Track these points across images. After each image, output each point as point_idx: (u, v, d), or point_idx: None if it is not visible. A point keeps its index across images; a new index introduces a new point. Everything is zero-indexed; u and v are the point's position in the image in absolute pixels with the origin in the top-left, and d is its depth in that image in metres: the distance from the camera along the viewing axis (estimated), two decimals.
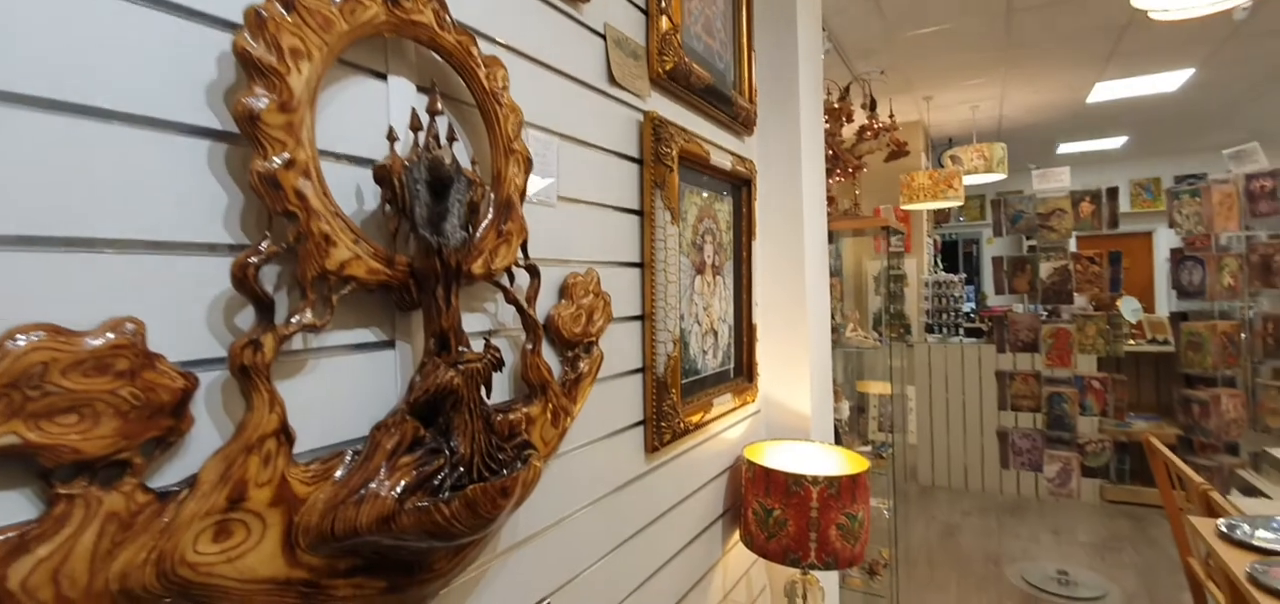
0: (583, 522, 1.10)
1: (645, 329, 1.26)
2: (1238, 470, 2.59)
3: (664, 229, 1.26)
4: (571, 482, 1.06)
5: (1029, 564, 3.48)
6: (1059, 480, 3.06)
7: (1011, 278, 3.18)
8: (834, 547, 1.46)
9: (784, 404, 1.89)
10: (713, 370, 1.54)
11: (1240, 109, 5.81)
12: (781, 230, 1.87)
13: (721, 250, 1.59)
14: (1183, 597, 3.09)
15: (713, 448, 1.56)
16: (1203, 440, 2.83)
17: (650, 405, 1.25)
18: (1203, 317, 2.86)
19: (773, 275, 1.88)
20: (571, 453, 1.06)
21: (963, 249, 9.89)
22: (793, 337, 1.87)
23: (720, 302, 1.58)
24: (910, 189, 5.15)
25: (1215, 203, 2.63)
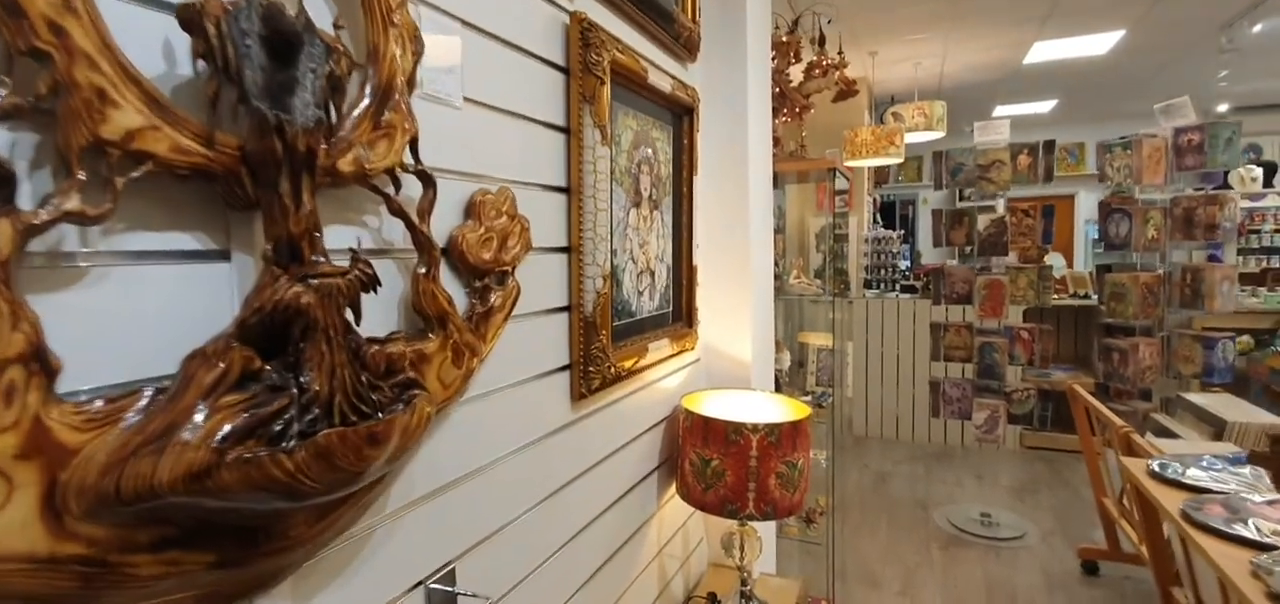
0: (498, 475, 0.97)
1: (572, 263, 1.12)
2: (1152, 415, 2.70)
3: (593, 150, 1.12)
4: (483, 430, 0.93)
5: (954, 507, 3.60)
6: (986, 427, 3.15)
7: (950, 230, 3.19)
8: (773, 496, 1.39)
9: (725, 352, 1.80)
10: (649, 313, 1.42)
11: (1163, 75, 6.05)
12: (725, 167, 1.75)
13: (660, 184, 1.46)
14: (1094, 533, 3.26)
15: (648, 396, 1.45)
16: (1119, 387, 2.95)
17: (577, 348, 1.12)
18: (1126, 268, 2.95)
19: (715, 215, 1.77)
20: (483, 398, 0.92)
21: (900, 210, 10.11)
22: (735, 281, 1.78)
23: (658, 239, 1.46)
24: (853, 145, 5.14)
25: (1145, 156, 2.69)
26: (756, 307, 1.84)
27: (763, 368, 1.92)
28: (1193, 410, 2.38)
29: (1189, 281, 2.71)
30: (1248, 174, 5.66)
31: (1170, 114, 2.71)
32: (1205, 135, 2.59)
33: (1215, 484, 1.26)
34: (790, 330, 2.96)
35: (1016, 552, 3.12)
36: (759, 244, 1.87)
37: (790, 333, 2.84)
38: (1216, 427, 2.14)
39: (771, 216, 2.02)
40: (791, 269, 2.30)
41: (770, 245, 2.03)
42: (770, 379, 2.01)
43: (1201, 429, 2.25)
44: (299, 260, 0.57)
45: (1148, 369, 2.86)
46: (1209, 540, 1.07)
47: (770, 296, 2.01)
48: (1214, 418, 2.21)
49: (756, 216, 1.83)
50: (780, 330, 2.90)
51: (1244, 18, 4.12)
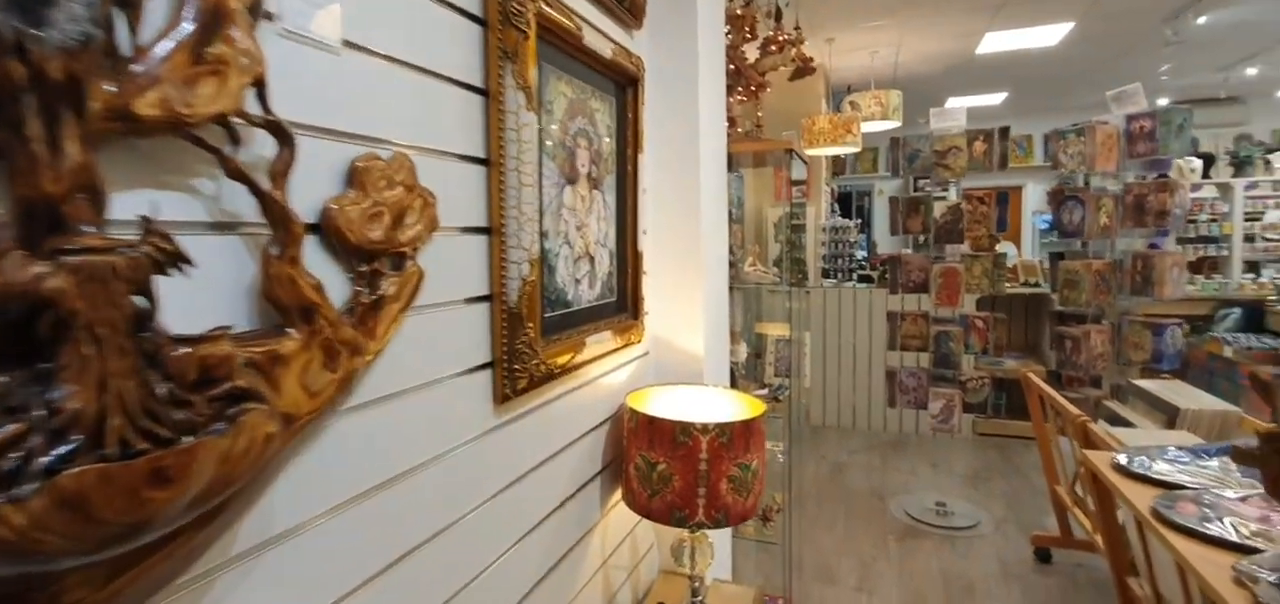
0: (402, 494, 0.82)
1: (492, 245, 0.97)
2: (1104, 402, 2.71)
3: (516, 116, 0.97)
4: (378, 443, 0.78)
5: (910, 497, 3.59)
6: (942, 417, 3.12)
7: (906, 218, 3.14)
8: (724, 501, 1.27)
9: (675, 345, 1.68)
10: (588, 303, 1.28)
11: (1110, 68, 6.20)
12: (675, 145, 1.62)
13: (600, 160, 1.32)
14: (1045, 519, 3.28)
15: (588, 395, 1.31)
16: (1072, 374, 2.96)
17: (500, 343, 0.98)
18: (1079, 256, 2.95)
19: (664, 196, 1.64)
20: (377, 405, 0.77)
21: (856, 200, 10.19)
22: (686, 269, 1.65)
23: (599, 222, 1.32)
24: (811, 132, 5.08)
25: (1098, 143, 2.68)
26: (709, 296, 1.72)
27: (716, 361, 1.80)
28: (1145, 397, 2.38)
29: (1140, 269, 2.72)
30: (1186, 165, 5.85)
31: (1122, 101, 2.71)
32: (1156, 122, 2.59)
33: (1185, 479, 1.20)
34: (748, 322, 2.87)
35: (971, 541, 3.11)
36: (712, 229, 1.75)
37: (748, 324, 2.74)
38: (1169, 413, 2.13)
39: (726, 200, 1.90)
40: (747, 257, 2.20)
41: (724, 231, 1.91)
42: (725, 373, 1.90)
43: (1155, 416, 2.25)
44: (61, 230, 0.41)
45: (1099, 356, 2.86)
46: (1184, 542, 1.00)
47: (724, 286, 1.90)
48: (1166, 405, 2.20)
49: (709, 199, 1.71)
50: (738, 321, 2.81)
51: (1189, 9, 4.20)
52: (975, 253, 3.10)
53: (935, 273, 3.05)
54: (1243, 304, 5.34)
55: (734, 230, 2.99)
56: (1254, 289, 5.57)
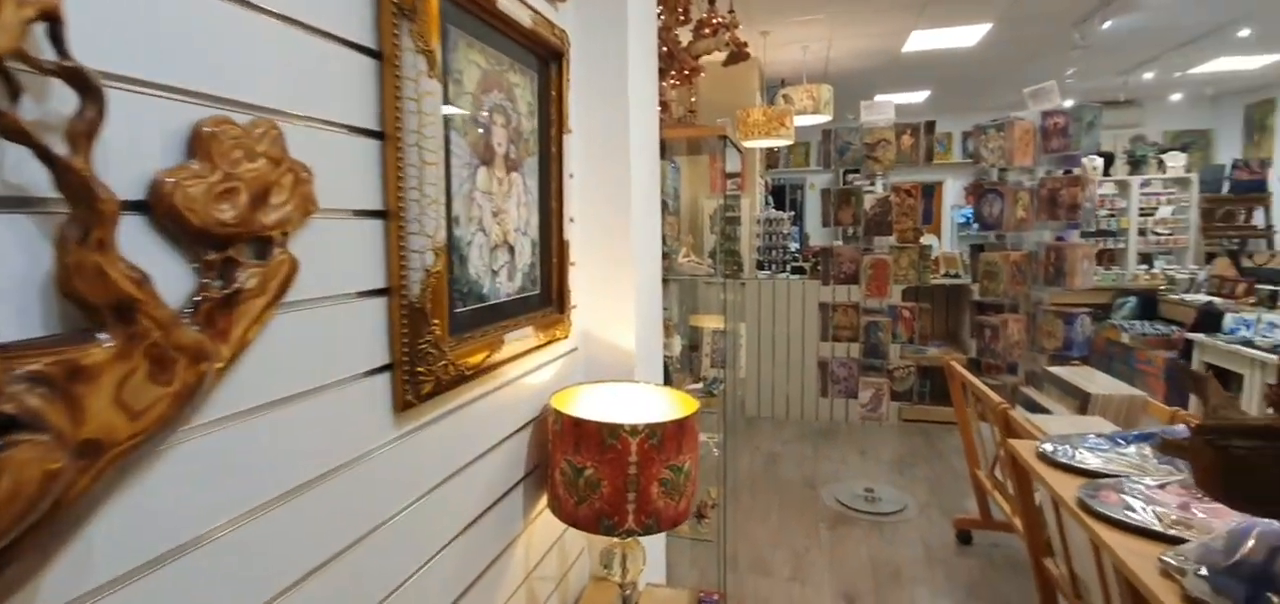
0: (270, 525, 0.70)
1: (389, 231, 0.86)
2: (1021, 388, 2.82)
3: (416, 83, 0.85)
4: (238, 467, 0.65)
5: (840, 485, 3.65)
6: (871, 405, 3.18)
7: (838, 209, 3.17)
8: (655, 506, 1.20)
9: (605, 339, 1.59)
10: (507, 296, 1.18)
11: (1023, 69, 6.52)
12: (603, 127, 1.53)
13: (520, 140, 1.21)
14: (966, 502, 3.41)
15: (509, 396, 1.21)
16: (991, 362, 3.07)
17: (400, 344, 0.86)
18: (996, 248, 3.06)
19: (592, 182, 1.55)
20: (235, 421, 0.65)
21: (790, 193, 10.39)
22: (616, 259, 1.57)
23: (519, 208, 1.21)
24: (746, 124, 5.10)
25: (1016, 138, 2.78)
26: (641, 289, 1.64)
27: (649, 356, 1.73)
28: (1058, 383, 2.48)
29: (1053, 260, 2.84)
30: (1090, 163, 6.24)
31: (1038, 97, 2.81)
32: (1069, 120, 2.70)
33: (1106, 466, 1.23)
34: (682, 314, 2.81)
35: (898, 526, 3.19)
36: (644, 218, 1.67)
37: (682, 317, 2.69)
38: (1081, 399, 2.22)
39: (659, 188, 1.83)
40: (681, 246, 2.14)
41: (657, 220, 1.84)
42: (658, 368, 1.83)
43: (1068, 401, 2.34)
44: None
45: (1016, 344, 2.98)
46: (1109, 532, 1.01)
47: (658, 277, 1.83)
48: (1078, 390, 2.29)
49: (641, 187, 1.63)
50: (674, 313, 2.76)
51: (1096, 14, 4.45)
52: (902, 245, 3.17)
53: (865, 264, 3.09)
54: (1137, 293, 5.76)
55: (670, 221, 2.94)
56: (1147, 279, 6.01)
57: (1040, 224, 2.84)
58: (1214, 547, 0.82)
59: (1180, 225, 6.96)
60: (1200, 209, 6.86)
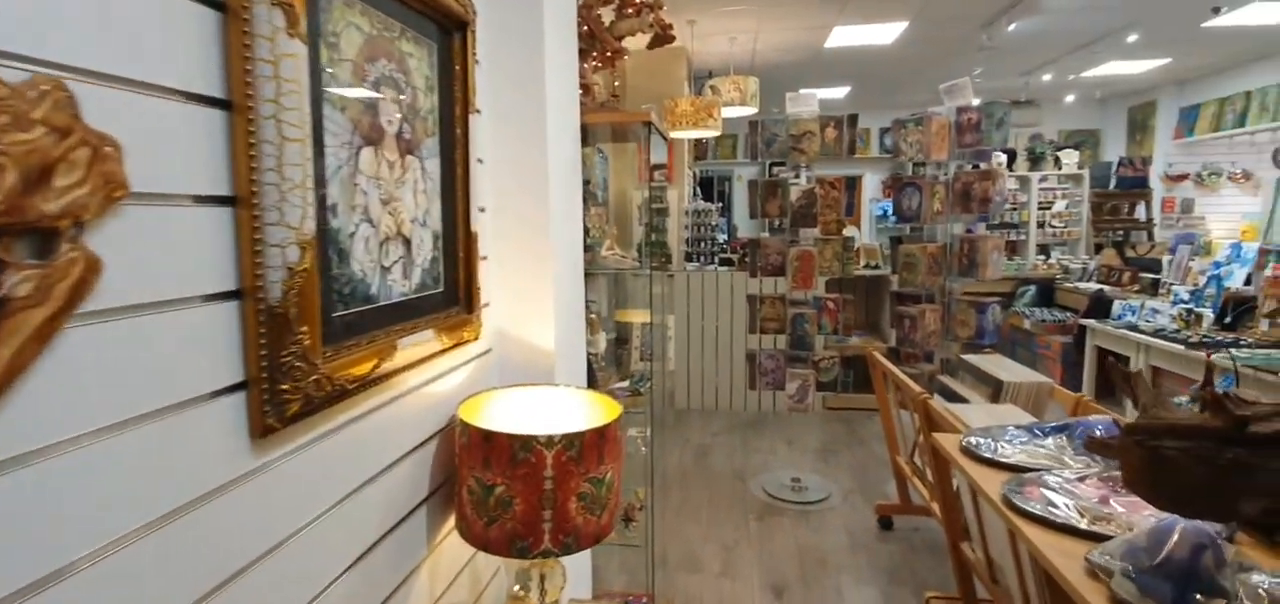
0: (74, 591, 0.55)
1: (239, 222, 0.71)
2: (938, 377, 2.90)
3: (273, 42, 0.71)
4: (19, 526, 0.50)
5: (769, 475, 3.68)
6: (798, 396, 3.20)
7: (765, 201, 3.16)
8: (574, 523, 1.10)
9: (522, 339, 1.47)
10: (402, 296, 1.04)
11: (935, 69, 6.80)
12: (517, 108, 1.40)
13: (417, 120, 1.08)
14: (887, 487, 3.50)
15: (406, 409, 1.07)
16: (909, 351, 3.15)
17: (256, 357, 0.72)
18: (914, 240, 3.14)
19: (506, 169, 1.42)
20: (8, 469, 0.50)
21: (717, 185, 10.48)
22: (533, 252, 1.45)
23: (416, 195, 1.08)
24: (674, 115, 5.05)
25: (933, 133, 2.85)
26: (562, 284, 1.53)
27: (570, 356, 1.62)
28: (972, 371, 2.55)
29: (966, 251, 2.94)
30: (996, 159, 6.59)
31: (953, 93, 2.89)
32: (982, 115, 2.79)
33: (1027, 459, 1.23)
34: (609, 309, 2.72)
35: (823, 514, 3.23)
36: (564, 207, 1.56)
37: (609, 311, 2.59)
38: (994, 387, 2.30)
39: (579, 175, 1.72)
40: (604, 238, 2.04)
41: (578, 210, 1.73)
42: (581, 367, 1.73)
43: (981, 389, 2.42)
44: None
45: (932, 333, 3.07)
46: (1035, 530, 1.00)
47: (579, 272, 1.72)
48: (991, 378, 2.37)
49: (560, 173, 1.52)
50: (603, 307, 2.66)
51: (1003, 16, 4.66)
52: (826, 237, 3.20)
53: (792, 256, 3.10)
54: (1037, 282, 6.14)
55: (599, 212, 2.83)
56: (1046, 269, 6.43)
57: (954, 217, 2.93)
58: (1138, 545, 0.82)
59: (1073, 218, 7.49)
60: (1090, 203, 7.40)
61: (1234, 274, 4.52)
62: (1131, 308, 4.78)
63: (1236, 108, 7.04)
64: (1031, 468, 1.17)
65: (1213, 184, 7.65)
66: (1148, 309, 4.71)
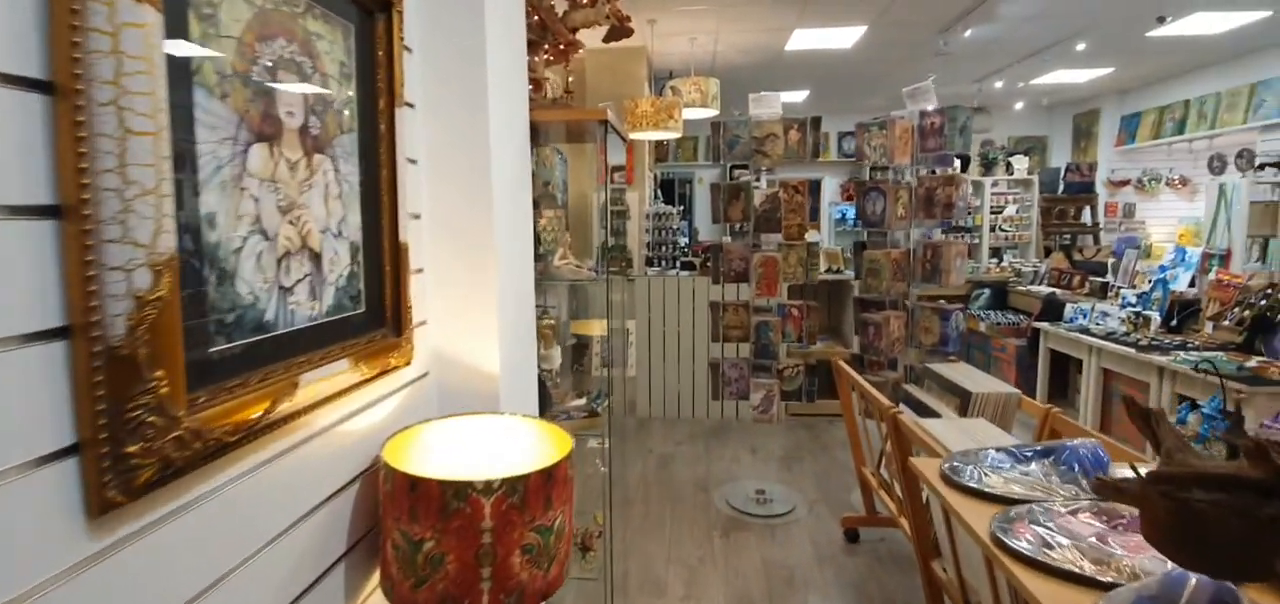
0: None
1: (65, 240, 0.55)
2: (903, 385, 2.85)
3: (111, 11, 0.55)
4: None
5: (733, 486, 3.58)
6: (763, 407, 3.11)
7: (727, 205, 3.06)
8: (517, 580, 0.96)
9: (463, 361, 1.32)
10: (309, 320, 0.88)
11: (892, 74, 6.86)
12: (455, 102, 1.25)
13: (328, 111, 0.92)
14: (851, 496, 3.45)
15: (315, 454, 0.91)
16: (873, 359, 3.09)
17: (90, 413, 0.56)
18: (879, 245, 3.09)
19: (444, 170, 1.27)
20: None
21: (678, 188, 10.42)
22: (476, 263, 1.30)
23: (328, 201, 0.92)
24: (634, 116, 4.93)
25: (897, 136, 2.80)
26: (508, 297, 1.39)
27: (519, 378, 1.47)
28: (938, 380, 2.50)
29: (929, 257, 2.90)
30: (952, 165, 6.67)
31: (916, 97, 2.85)
32: (945, 119, 2.75)
33: (1012, 489, 1.15)
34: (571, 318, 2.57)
35: (789, 528, 3.15)
36: (511, 214, 1.41)
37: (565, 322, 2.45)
38: (962, 397, 2.24)
39: (528, 177, 1.57)
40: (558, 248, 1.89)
41: (528, 216, 1.58)
42: (531, 390, 1.58)
43: (948, 399, 2.36)
44: None
45: (897, 340, 3.02)
46: (1031, 577, 0.91)
47: (529, 283, 1.57)
48: (958, 388, 2.32)
49: (506, 174, 1.37)
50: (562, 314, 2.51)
51: (960, 22, 4.69)
52: (790, 242, 3.12)
53: (755, 262, 3.00)
54: (991, 285, 6.24)
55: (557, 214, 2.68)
56: (999, 272, 6.54)
57: (917, 222, 2.89)
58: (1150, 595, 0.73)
59: (1024, 222, 7.67)
60: (1040, 208, 7.59)
61: (1179, 278, 4.65)
62: (1083, 311, 4.88)
63: (1176, 115, 7.33)
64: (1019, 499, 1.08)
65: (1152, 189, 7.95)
66: (1098, 312, 4.82)
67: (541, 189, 2.86)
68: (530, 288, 1.57)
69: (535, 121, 1.64)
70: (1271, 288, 4.19)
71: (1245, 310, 4.12)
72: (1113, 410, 4.42)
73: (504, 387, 1.35)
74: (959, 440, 1.72)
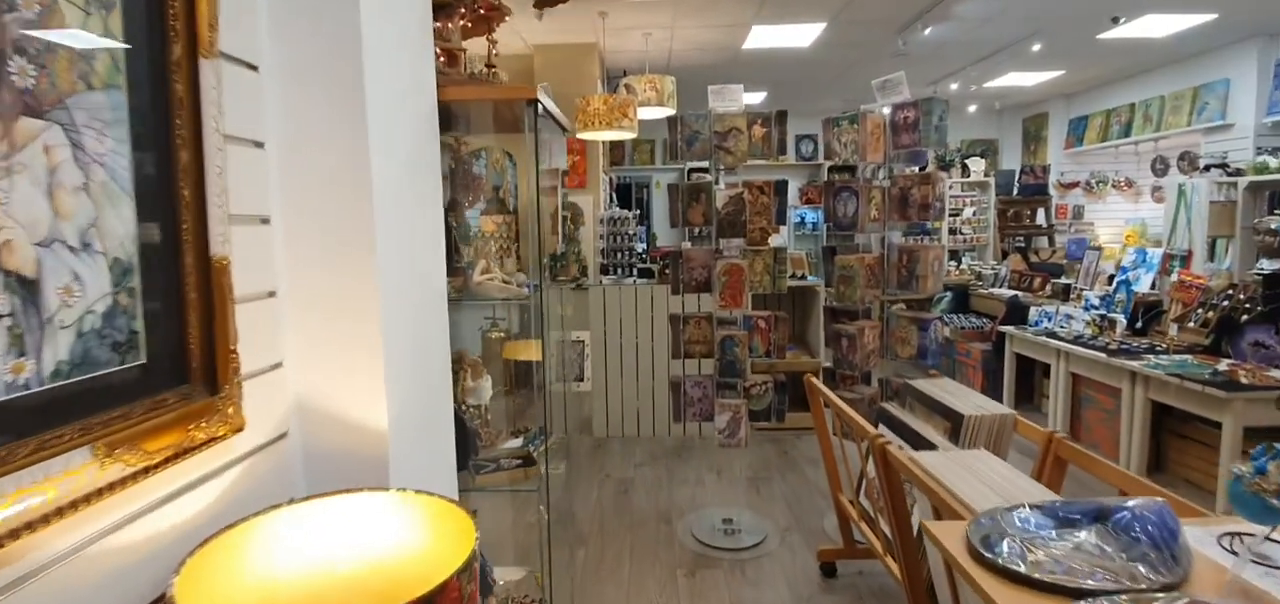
0: None
1: None
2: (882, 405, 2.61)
3: None
4: None
5: (697, 515, 3.29)
6: (729, 431, 2.83)
7: (687, 207, 2.77)
8: None
9: (335, 416, 0.98)
10: (25, 388, 0.53)
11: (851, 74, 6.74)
12: (315, 61, 0.92)
13: (52, 56, 0.57)
14: (825, 520, 3.20)
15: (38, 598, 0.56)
16: (846, 373, 2.85)
17: None
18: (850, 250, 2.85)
19: (304, 156, 0.93)
20: None
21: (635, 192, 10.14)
22: (349, 285, 0.96)
23: (54, 198, 0.57)
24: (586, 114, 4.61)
25: (869, 132, 2.56)
26: (400, 326, 1.05)
27: (421, 432, 1.13)
28: (921, 399, 2.26)
29: (905, 262, 2.67)
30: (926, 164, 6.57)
31: (887, 90, 2.62)
32: (920, 113, 2.53)
33: (1071, 573, 0.88)
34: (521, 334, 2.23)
35: (760, 562, 2.87)
36: (406, 216, 1.08)
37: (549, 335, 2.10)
38: (952, 420, 2.00)
39: (437, 172, 1.24)
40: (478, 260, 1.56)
41: (437, 220, 1.24)
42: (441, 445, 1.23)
43: (935, 422, 2.12)
44: None
45: (872, 353, 2.78)
46: None
47: (437, 307, 1.23)
48: (946, 408, 2.08)
49: (396, 166, 1.04)
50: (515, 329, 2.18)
51: (918, 21, 4.54)
52: (755, 247, 2.84)
53: (718, 270, 2.72)
54: (952, 288, 6.15)
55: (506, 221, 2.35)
56: (958, 275, 6.47)
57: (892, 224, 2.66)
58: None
59: (981, 224, 7.66)
60: (996, 209, 7.59)
61: (1141, 279, 4.60)
62: (1048, 314, 4.79)
63: (1122, 118, 7.43)
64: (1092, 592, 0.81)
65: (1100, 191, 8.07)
66: (1062, 315, 4.73)
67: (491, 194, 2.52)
68: (439, 312, 1.24)
69: (446, 101, 1.31)
70: (1232, 288, 4.15)
71: (1209, 311, 4.06)
72: (1083, 416, 4.33)
73: (397, 447, 1.01)
74: (963, 481, 1.46)
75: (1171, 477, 3.75)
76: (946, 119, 2.55)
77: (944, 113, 2.55)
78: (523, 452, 1.56)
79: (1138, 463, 3.78)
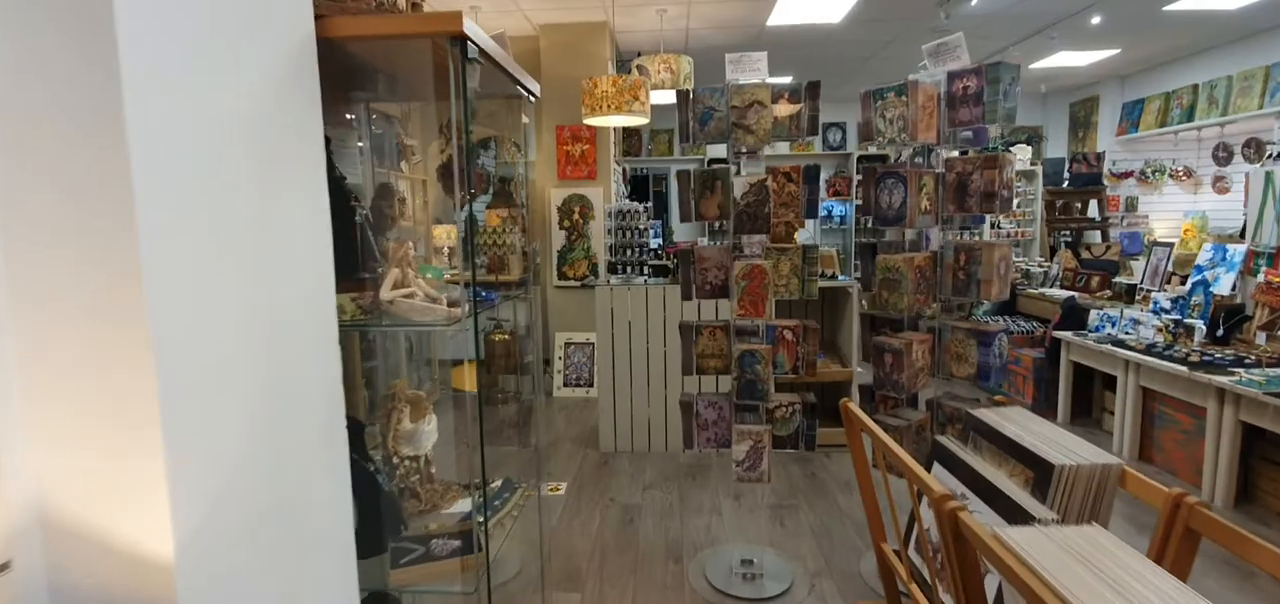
0: None
1: None
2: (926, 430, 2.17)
3: None
4: None
5: (712, 553, 2.88)
6: (749, 463, 2.41)
7: (700, 199, 2.35)
8: None
9: (92, 536, 0.59)
10: None
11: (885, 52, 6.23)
12: None
13: None
14: (861, 562, 2.77)
15: None
16: (889, 395, 2.41)
17: None
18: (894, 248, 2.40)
19: (18, 137, 0.54)
20: None
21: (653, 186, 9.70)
22: (104, 335, 0.57)
23: None
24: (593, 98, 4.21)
25: (920, 104, 2.11)
26: (214, 389, 0.66)
27: (257, 554, 0.74)
28: (988, 434, 1.82)
29: (963, 263, 2.22)
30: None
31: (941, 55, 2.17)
32: (983, 81, 2.07)
33: None
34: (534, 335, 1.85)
35: None
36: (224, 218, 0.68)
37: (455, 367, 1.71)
38: (1039, 471, 1.56)
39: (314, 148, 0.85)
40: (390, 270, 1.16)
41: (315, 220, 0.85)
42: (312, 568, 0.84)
43: (1008, 464, 1.68)
44: None
45: (921, 370, 2.34)
46: None
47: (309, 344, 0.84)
48: (1028, 454, 1.63)
49: (184, 139, 0.64)
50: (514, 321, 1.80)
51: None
52: (779, 245, 2.41)
53: (737, 273, 2.30)
54: None
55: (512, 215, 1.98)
56: None
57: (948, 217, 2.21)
58: None
59: (1027, 217, 7.09)
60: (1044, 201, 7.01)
61: (1220, 279, 4.05)
62: (1111, 318, 4.26)
63: (1183, 101, 6.79)
64: None
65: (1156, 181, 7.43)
66: (1128, 320, 4.20)
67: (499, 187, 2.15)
68: (313, 350, 0.84)
69: (332, 37, 0.91)
70: None
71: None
72: (1155, 436, 3.81)
73: (198, 582, 0.62)
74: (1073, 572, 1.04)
75: (1261, 509, 3.24)
76: (1018, 86, 2.09)
77: (1015, 79, 2.09)
78: (462, 527, 1.16)
79: (1223, 493, 3.27)
